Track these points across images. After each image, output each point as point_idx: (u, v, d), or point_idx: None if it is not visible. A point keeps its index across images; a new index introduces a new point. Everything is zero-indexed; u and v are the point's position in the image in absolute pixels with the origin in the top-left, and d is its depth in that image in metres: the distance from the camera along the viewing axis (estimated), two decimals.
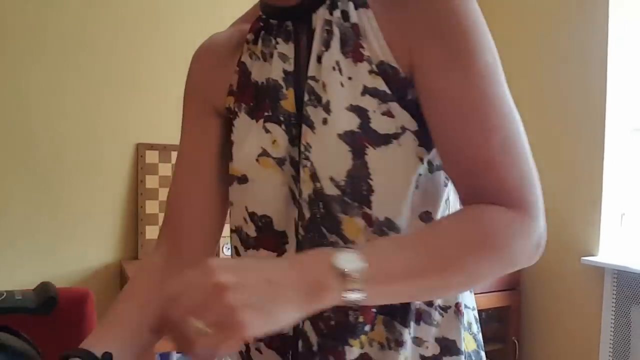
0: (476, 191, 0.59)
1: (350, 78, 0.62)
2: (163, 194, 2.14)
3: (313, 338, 0.66)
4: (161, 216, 2.12)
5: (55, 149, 1.99)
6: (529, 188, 0.58)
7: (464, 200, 0.62)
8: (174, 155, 2.18)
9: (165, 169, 2.16)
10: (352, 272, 0.50)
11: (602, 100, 2.21)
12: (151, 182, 2.13)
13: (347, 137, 0.61)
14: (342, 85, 0.62)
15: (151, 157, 2.14)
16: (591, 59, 2.26)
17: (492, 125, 0.57)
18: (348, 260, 0.50)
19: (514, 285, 2.43)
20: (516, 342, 2.44)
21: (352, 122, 0.61)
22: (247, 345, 0.74)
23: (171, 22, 2.18)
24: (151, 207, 2.11)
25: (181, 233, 0.76)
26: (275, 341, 0.69)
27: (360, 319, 0.64)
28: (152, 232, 2.10)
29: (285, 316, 0.48)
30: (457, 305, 0.67)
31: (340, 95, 0.62)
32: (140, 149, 2.12)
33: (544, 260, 2.57)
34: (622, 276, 2.12)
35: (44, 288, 0.56)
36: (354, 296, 0.50)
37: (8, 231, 1.92)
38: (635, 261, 2.09)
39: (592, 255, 2.24)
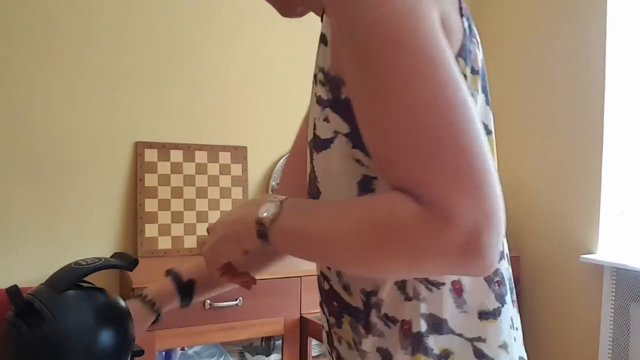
0: (391, 185, 0.54)
1: (315, 91, 0.66)
2: (162, 192, 2.14)
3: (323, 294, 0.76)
4: (160, 214, 2.12)
5: (53, 147, 1.99)
6: (449, 187, 0.48)
7: None
8: (173, 153, 2.18)
9: (165, 167, 2.16)
10: (264, 218, 0.60)
11: (601, 98, 2.21)
12: (150, 180, 2.13)
13: (309, 145, 0.68)
14: (315, 95, 0.66)
15: (150, 155, 2.14)
16: (589, 56, 2.26)
17: (390, 122, 0.51)
18: (267, 208, 0.60)
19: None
20: None
21: (311, 131, 0.67)
22: None
23: (168, 20, 2.18)
24: (150, 205, 2.11)
25: (289, 191, 0.92)
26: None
27: (325, 306, 0.72)
28: (151, 230, 2.10)
29: (238, 246, 0.66)
30: (404, 322, 0.62)
31: (312, 107, 0.67)
32: (139, 147, 2.12)
33: (543, 258, 2.59)
34: (621, 274, 2.12)
35: (124, 254, 0.79)
36: (264, 240, 0.61)
37: (7, 230, 1.92)
38: (634, 259, 2.09)
39: (591, 253, 2.25)
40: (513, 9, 2.64)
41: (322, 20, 0.66)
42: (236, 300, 1.78)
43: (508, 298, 0.66)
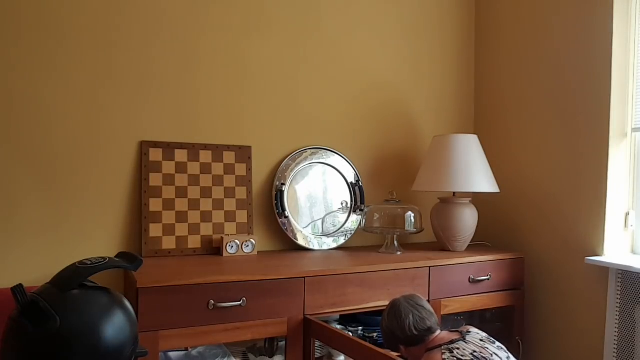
0: None
1: None
2: (167, 191, 2.14)
3: None
4: (165, 214, 2.13)
5: (58, 146, 2.00)
6: None
7: None
8: (177, 153, 2.18)
9: (169, 167, 2.16)
10: None
11: (607, 100, 2.20)
12: (155, 180, 2.13)
13: None
14: None
15: (155, 154, 2.14)
16: (595, 59, 2.25)
17: None
18: None
19: (517, 285, 2.42)
20: (520, 342, 2.43)
21: None
22: None
23: (173, 21, 2.19)
24: (155, 205, 2.12)
25: None
26: None
27: None
28: (155, 230, 2.10)
29: None
30: None
31: None
32: (144, 147, 2.13)
33: (548, 260, 2.58)
34: (626, 276, 2.11)
35: (129, 254, 0.79)
36: None
37: (12, 229, 1.93)
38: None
39: (597, 255, 2.24)
40: (518, 12, 2.63)
41: None
42: (240, 300, 1.78)
43: None
